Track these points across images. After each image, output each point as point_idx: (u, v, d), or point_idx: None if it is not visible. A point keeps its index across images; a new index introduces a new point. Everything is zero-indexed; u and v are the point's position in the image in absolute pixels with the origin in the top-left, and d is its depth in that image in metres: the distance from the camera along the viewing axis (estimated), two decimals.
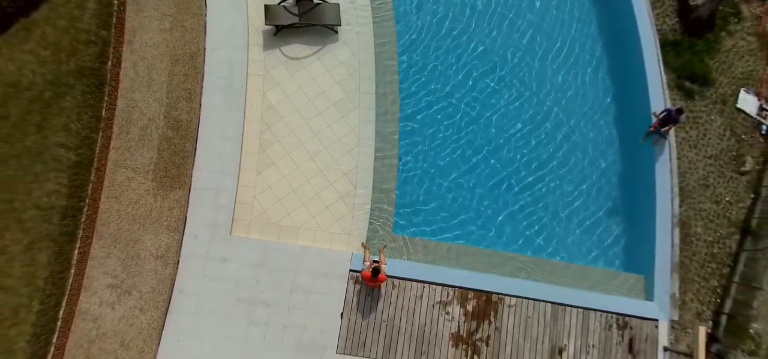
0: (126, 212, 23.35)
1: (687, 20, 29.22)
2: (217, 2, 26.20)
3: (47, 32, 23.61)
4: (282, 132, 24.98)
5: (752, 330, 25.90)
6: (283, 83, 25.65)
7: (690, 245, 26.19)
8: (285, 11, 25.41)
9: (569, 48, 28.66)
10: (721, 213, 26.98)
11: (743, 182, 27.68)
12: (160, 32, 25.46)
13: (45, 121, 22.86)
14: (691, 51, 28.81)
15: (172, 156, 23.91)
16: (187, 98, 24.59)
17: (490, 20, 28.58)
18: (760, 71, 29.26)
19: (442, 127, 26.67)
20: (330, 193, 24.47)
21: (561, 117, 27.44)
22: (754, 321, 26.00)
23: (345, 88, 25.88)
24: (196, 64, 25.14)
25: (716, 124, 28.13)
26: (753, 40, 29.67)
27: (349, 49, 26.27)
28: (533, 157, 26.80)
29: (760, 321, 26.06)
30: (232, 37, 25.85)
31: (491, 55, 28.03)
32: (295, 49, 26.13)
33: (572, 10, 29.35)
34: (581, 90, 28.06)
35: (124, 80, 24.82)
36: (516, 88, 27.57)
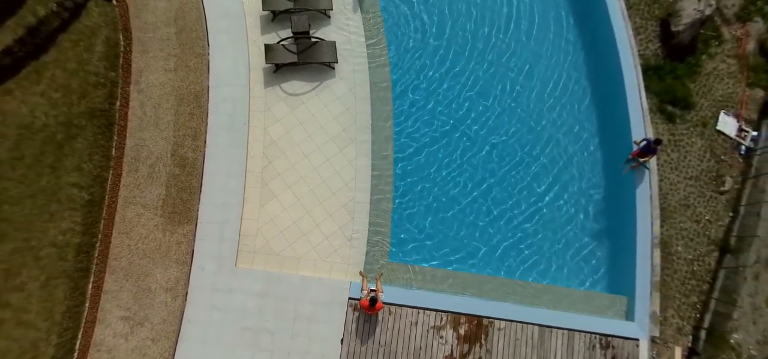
0: (136, 247, 24.04)
1: (669, 45, 29.56)
2: (220, 42, 26.82)
3: (57, 75, 24.32)
4: (283, 166, 25.66)
5: (733, 341, 26.48)
6: (284, 119, 26.28)
7: (671, 264, 26.73)
8: (284, 50, 26.13)
9: (563, 83, 29.69)
10: (701, 232, 27.53)
11: (722, 201, 28.21)
12: (166, 72, 26.11)
13: (58, 162, 23.55)
14: (673, 75, 29.23)
15: (180, 192, 24.54)
16: (192, 136, 25.18)
17: (486, 57, 29.53)
18: (739, 93, 29.67)
19: (435, 156, 27.60)
20: (329, 224, 25.15)
21: (554, 151, 28.28)
22: (735, 332, 26.54)
23: (342, 123, 26.52)
24: (201, 102, 25.73)
25: (697, 146, 28.59)
26: (733, 62, 30.12)
27: (346, 84, 26.95)
28: (519, 184, 27.81)
29: (740, 331, 26.63)
30: (234, 75, 26.43)
31: (488, 90, 29.02)
32: (295, 85, 26.80)
33: (564, 47, 30.28)
34: (569, 120, 29.03)
35: (132, 120, 25.47)
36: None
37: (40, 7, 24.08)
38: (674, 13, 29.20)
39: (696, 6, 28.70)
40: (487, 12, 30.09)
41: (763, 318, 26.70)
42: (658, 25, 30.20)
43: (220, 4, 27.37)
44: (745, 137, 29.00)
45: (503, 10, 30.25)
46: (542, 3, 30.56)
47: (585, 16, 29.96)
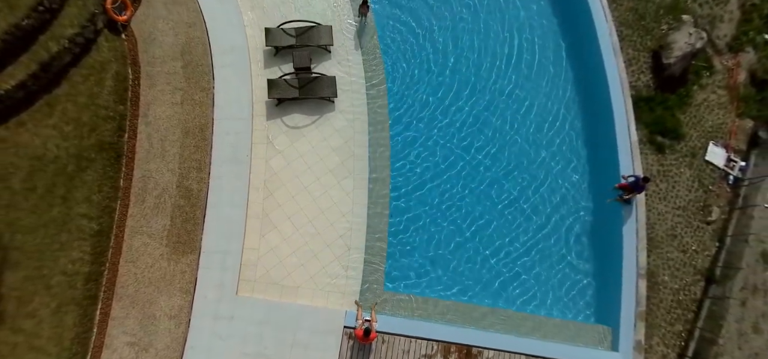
0: (143, 275, 24.88)
1: (660, 77, 29.91)
2: (224, 76, 27.58)
3: (69, 108, 25.22)
4: (283, 198, 26.34)
5: None
6: (285, 151, 26.97)
7: (657, 293, 27.14)
8: (287, 85, 26.87)
9: (561, 118, 30.20)
10: (688, 262, 27.91)
11: (709, 231, 28.50)
12: (172, 106, 26.86)
13: (69, 193, 24.45)
14: (664, 106, 29.56)
15: (184, 223, 25.34)
16: (197, 168, 26.00)
17: (486, 92, 30.30)
18: (729, 123, 29.99)
19: (434, 190, 28.27)
20: (326, 254, 25.86)
21: (552, 185, 28.71)
22: (720, 357, 26.84)
23: (341, 155, 27.17)
24: (206, 135, 26.47)
25: (685, 176, 28.93)
26: (723, 93, 30.48)
27: (345, 118, 27.61)
28: (518, 219, 28.36)
29: (725, 356, 27.01)
30: (238, 108, 27.12)
31: (484, 125, 29.54)
32: (296, 118, 27.49)
33: (563, 83, 30.84)
34: (567, 154, 29.58)
35: (139, 152, 26.25)
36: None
37: (52, 43, 24.89)
38: (665, 46, 29.53)
39: (687, 39, 29.03)
40: (489, 47, 31.08)
41: (748, 343, 26.98)
42: (650, 57, 30.49)
43: (225, 39, 28.04)
44: (733, 167, 29.26)
45: (504, 47, 31.12)
46: (541, 40, 31.30)
47: (579, 51, 30.62)
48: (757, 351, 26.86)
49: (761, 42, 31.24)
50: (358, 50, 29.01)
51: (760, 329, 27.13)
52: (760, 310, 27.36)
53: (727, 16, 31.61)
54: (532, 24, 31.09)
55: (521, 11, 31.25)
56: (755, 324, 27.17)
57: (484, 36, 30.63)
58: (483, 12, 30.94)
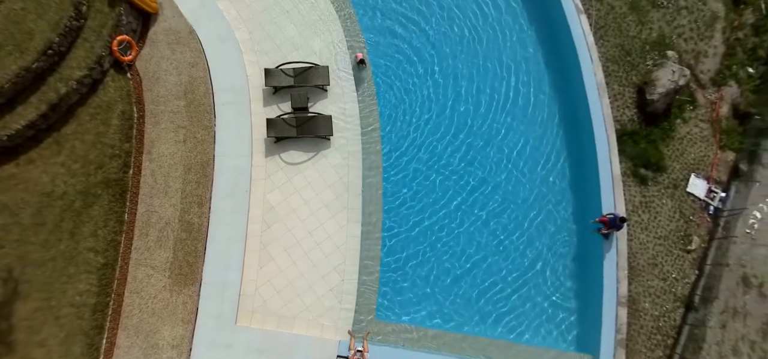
0: (146, 305, 26.05)
1: (645, 111, 30.82)
2: (225, 115, 28.77)
3: (76, 146, 26.44)
4: (280, 231, 27.47)
5: None
6: (282, 187, 28.14)
7: (638, 320, 28.11)
8: (285, 124, 28.01)
9: (555, 156, 31.14)
10: (668, 289, 28.92)
11: (689, 260, 29.48)
12: (176, 143, 27.99)
13: (76, 228, 25.68)
14: (647, 140, 30.48)
15: (186, 256, 26.45)
16: (198, 204, 27.07)
17: (481, 131, 31.26)
18: (711, 156, 30.91)
19: (428, 226, 29.35)
20: (321, 285, 27.02)
21: (544, 221, 29.76)
22: None
23: (336, 191, 28.33)
24: (207, 171, 27.55)
25: (667, 207, 29.90)
26: (706, 126, 31.37)
27: (340, 155, 28.78)
28: (513, 254, 29.42)
29: None
30: (238, 146, 28.30)
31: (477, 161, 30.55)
32: (293, 155, 28.69)
33: (555, 122, 31.86)
34: (558, 191, 30.67)
35: (143, 187, 27.43)
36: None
37: (61, 84, 26.10)
38: (649, 83, 30.41)
39: (670, 76, 29.90)
40: (486, 85, 32.15)
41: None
42: (635, 92, 31.38)
43: (226, 79, 29.18)
44: (713, 198, 30.23)
45: (497, 85, 32.22)
46: (535, 80, 32.41)
47: (567, 90, 31.72)
48: None
49: (745, 76, 32.20)
50: (354, 90, 30.18)
51: (740, 351, 28.03)
52: (740, 333, 28.28)
53: (711, 51, 32.55)
54: (527, 66, 32.43)
55: (517, 52, 32.51)
56: (735, 347, 28.06)
57: (482, 76, 32.05)
58: (480, 55, 32.47)
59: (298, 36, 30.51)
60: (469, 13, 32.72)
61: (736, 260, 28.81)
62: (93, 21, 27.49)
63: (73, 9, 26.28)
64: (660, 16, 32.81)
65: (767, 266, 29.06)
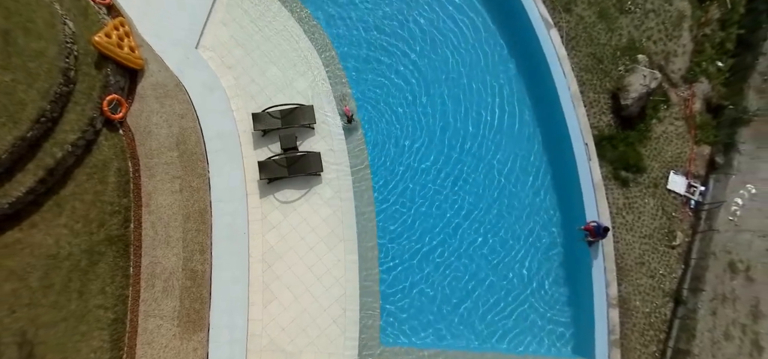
0: (158, 355, 27.10)
1: (620, 116, 32.31)
2: (218, 161, 29.85)
3: (77, 207, 27.45)
4: (281, 269, 28.78)
5: None
6: (279, 226, 29.43)
7: (630, 318, 29.62)
8: (276, 165, 29.31)
9: (543, 172, 32.78)
10: (656, 286, 30.44)
11: (674, 255, 31.08)
12: (172, 194, 29.09)
13: (84, 286, 26.71)
14: (625, 143, 31.98)
15: (192, 303, 27.56)
16: (200, 251, 28.17)
17: (471, 153, 32.78)
18: (688, 152, 32.50)
19: (413, 246, 30.94)
20: (325, 318, 28.33)
21: (540, 236, 31.32)
22: None
23: (331, 224, 29.70)
24: (205, 218, 28.64)
25: (650, 206, 31.43)
26: (681, 124, 32.98)
27: (332, 189, 30.20)
28: (492, 263, 31.07)
29: None
30: (232, 190, 29.44)
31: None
32: (287, 194, 29.93)
33: (538, 141, 33.43)
34: (550, 205, 32.24)
35: (145, 240, 28.42)
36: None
37: (56, 148, 27.07)
38: (622, 88, 31.90)
39: (642, 81, 31.40)
40: (469, 115, 33.63)
41: (721, 350, 29.43)
42: (610, 98, 32.92)
43: (215, 126, 30.36)
44: (693, 193, 31.87)
45: (483, 105, 33.85)
46: (519, 100, 34.03)
47: (546, 105, 33.16)
48: (730, 357, 29.27)
49: (714, 70, 33.82)
50: (340, 125, 31.61)
51: (732, 336, 29.57)
52: (731, 318, 29.78)
53: (680, 50, 34.12)
54: (510, 84, 34.07)
55: (500, 71, 34.33)
56: (726, 331, 29.63)
57: (468, 97, 33.75)
58: (465, 76, 34.12)
59: (282, 77, 31.94)
60: (450, 35, 34.33)
61: (722, 248, 30.35)
62: (82, 84, 28.55)
63: (62, 75, 27.33)
64: (628, 22, 34.26)
65: (752, 250, 30.63)
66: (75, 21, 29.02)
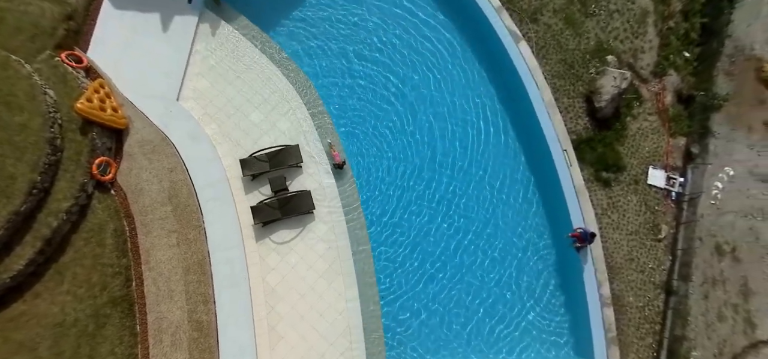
0: None
1: (596, 118, 33.77)
2: (211, 210, 30.62)
3: (78, 272, 28.17)
4: (284, 310, 29.80)
5: (693, 358, 30.85)
6: (278, 267, 30.45)
7: (625, 314, 31.14)
8: (268, 208, 30.34)
9: (532, 187, 34.25)
10: (647, 279, 31.96)
11: (661, 248, 32.63)
12: (170, 248, 29.84)
13: (94, 351, 27.40)
14: (604, 143, 33.44)
15: (201, 354, 28.32)
16: (203, 301, 28.99)
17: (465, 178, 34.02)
18: (664, 145, 34.04)
19: (411, 271, 32.30)
20: (331, 353, 29.30)
21: (543, 252, 32.93)
22: (694, 351, 30.91)
23: (327, 260, 30.75)
24: (205, 268, 29.42)
25: (633, 203, 32.97)
26: (654, 118, 34.55)
27: (325, 225, 31.26)
28: (490, 279, 32.48)
29: (698, 349, 31.00)
30: (229, 238, 30.31)
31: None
32: (282, 234, 30.97)
33: (522, 156, 34.85)
34: (543, 221, 33.68)
35: (149, 296, 29.16)
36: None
37: (51, 218, 27.85)
38: (595, 91, 33.37)
39: (613, 83, 32.91)
40: (455, 134, 34.95)
41: (716, 332, 31.02)
42: (584, 101, 34.30)
43: (205, 176, 31.13)
44: (673, 184, 33.45)
45: (470, 123, 35.24)
46: (503, 120, 35.36)
47: (523, 117, 34.55)
48: (725, 337, 30.85)
49: (682, 61, 35.40)
50: (327, 160, 32.70)
51: (725, 316, 31.24)
52: (722, 299, 31.42)
53: (647, 46, 35.67)
54: (492, 100, 35.44)
55: (482, 88, 35.68)
56: (719, 313, 31.30)
57: (455, 116, 35.16)
58: (448, 95, 35.51)
59: (265, 120, 32.93)
60: (427, 55, 35.88)
61: (707, 232, 31.98)
62: (69, 151, 29.28)
63: (49, 145, 28.08)
64: (594, 24, 35.69)
65: (736, 231, 32.27)
66: (55, 89, 29.80)
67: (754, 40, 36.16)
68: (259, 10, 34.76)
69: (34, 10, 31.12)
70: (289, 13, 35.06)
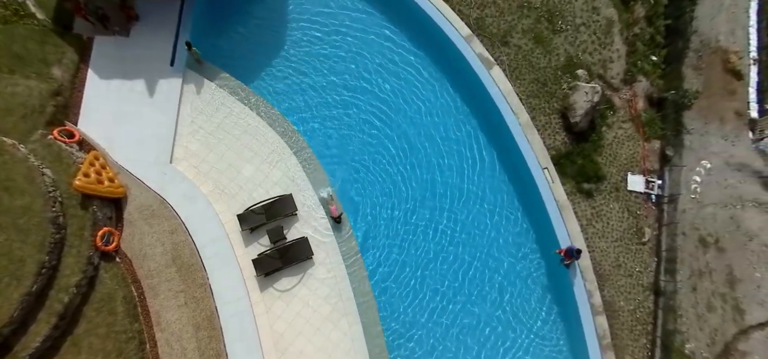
0: None
1: (572, 132, 35.58)
2: (214, 267, 32.44)
3: (93, 342, 29.84)
4: (294, 354, 31.51)
5: (687, 350, 32.93)
6: (283, 314, 32.31)
7: (618, 318, 33.08)
8: (269, 259, 32.25)
9: (522, 212, 36.21)
10: (635, 283, 33.96)
11: (646, 250, 34.57)
12: (178, 308, 31.63)
13: None
14: (582, 155, 35.17)
15: None
16: (216, 355, 30.62)
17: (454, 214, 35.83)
18: (640, 150, 35.94)
19: (410, 303, 34.28)
20: None
21: (520, 274, 34.75)
22: (687, 343, 33.00)
23: (330, 302, 32.68)
24: (214, 324, 31.15)
25: (615, 210, 34.91)
26: (629, 125, 36.52)
27: (325, 268, 33.21)
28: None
29: (691, 340, 33.12)
30: (234, 292, 32.14)
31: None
32: (284, 282, 32.95)
33: (506, 179, 36.66)
34: (528, 253, 35.49)
35: (163, 357, 30.94)
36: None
37: (62, 294, 29.51)
38: (569, 107, 35.24)
39: (585, 97, 34.74)
40: (449, 156, 36.86)
41: (707, 323, 33.02)
42: (560, 117, 36.18)
43: (205, 234, 32.84)
44: (652, 187, 35.37)
45: (464, 154, 36.91)
46: (491, 138, 37.25)
47: (505, 141, 36.31)
48: (715, 326, 32.87)
49: (649, 66, 37.31)
50: (321, 205, 34.63)
51: (714, 306, 33.28)
52: (710, 289, 33.44)
53: (615, 55, 37.64)
54: (483, 129, 37.25)
55: (471, 116, 37.46)
56: (709, 303, 33.35)
57: (448, 152, 36.83)
58: (441, 128, 37.24)
59: (257, 172, 34.50)
60: (412, 87, 37.89)
61: (690, 226, 34.08)
62: (72, 227, 30.81)
63: (52, 225, 29.49)
64: (563, 40, 37.61)
65: (718, 222, 34.45)
66: (52, 168, 31.29)
67: (718, 32, 38.40)
68: (239, 65, 36.58)
69: (21, 90, 32.88)
70: (268, 66, 36.93)
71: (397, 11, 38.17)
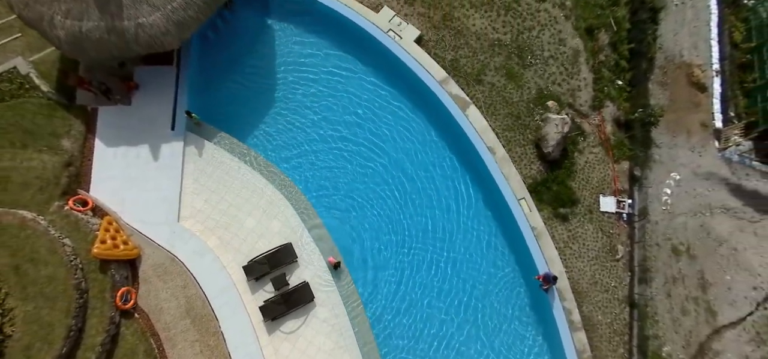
0: None
1: (547, 161, 38.57)
2: (225, 315, 35.68)
3: None
4: None
5: (664, 353, 35.88)
6: (290, 355, 35.56)
7: (597, 332, 36.13)
8: (275, 305, 35.66)
9: (502, 240, 39.27)
10: (612, 297, 36.95)
11: (620, 266, 37.57)
12: (195, 356, 34.88)
13: None
14: (557, 182, 37.99)
15: None
16: None
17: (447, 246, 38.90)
18: (610, 173, 38.79)
19: (406, 332, 37.59)
20: None
21: (502, 297, 37.85)
22: (664, 347, 35.83)
23: (333, 339, 35.93)
24: None
25: (590, 231, 37.86)
26: (599, 149, 39.33)
27: (326, 308, 36.54)
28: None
29: (668, 344, 35.95)
30: (244, 336, 35.39)
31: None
32: (290, 325, 36.31)
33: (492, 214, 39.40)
34: (512, 275, 38.44)
35: None
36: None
37: (88, 353, 32.96)
38: (542, 138, 38.08)
39: (556, 129, 37.64)
40: (440, 198, 39.69)
41: (682, 326, 36.01)
42: (534, 147, 39.01)
43: (215, 285, 35.96)
44: (623, 207, 38.27)
45: (453, 189, 39.76)
46: (474, 190, 39.70)
47: (483, 178, 39.30)
48: (690, 328, 35.75)
49: (615, 91, 40.21)
50: (319, 250, 37.50)
51: (688, 310, 36.24)
52: (684, 295, 36.32)
53: (582, 83, 40.54)
54: (470, 170, 39.73)
55: (460, 160, 40.05)
56: (683, 307, 36.28)
57: (440, 191, 39.76)
58: (436, 169, 40.06)
59: (258, 225, 37.41)
60: (395, 131, 40.81)
61: (662, 236, 36.84)
62: (94, 290, 34.09)
63: (76, 290, 32.61)
64: (532, 74, 40.54)
65: (688, 230, 37.27)
66: (71, 237, 34.49)
67: (682, 47, 41.53)
68: (235, 124, 39.53)
69: (36, 164, 36.01)
70: (261, 123, 40.08)
71: (382, 65, 41.21)
